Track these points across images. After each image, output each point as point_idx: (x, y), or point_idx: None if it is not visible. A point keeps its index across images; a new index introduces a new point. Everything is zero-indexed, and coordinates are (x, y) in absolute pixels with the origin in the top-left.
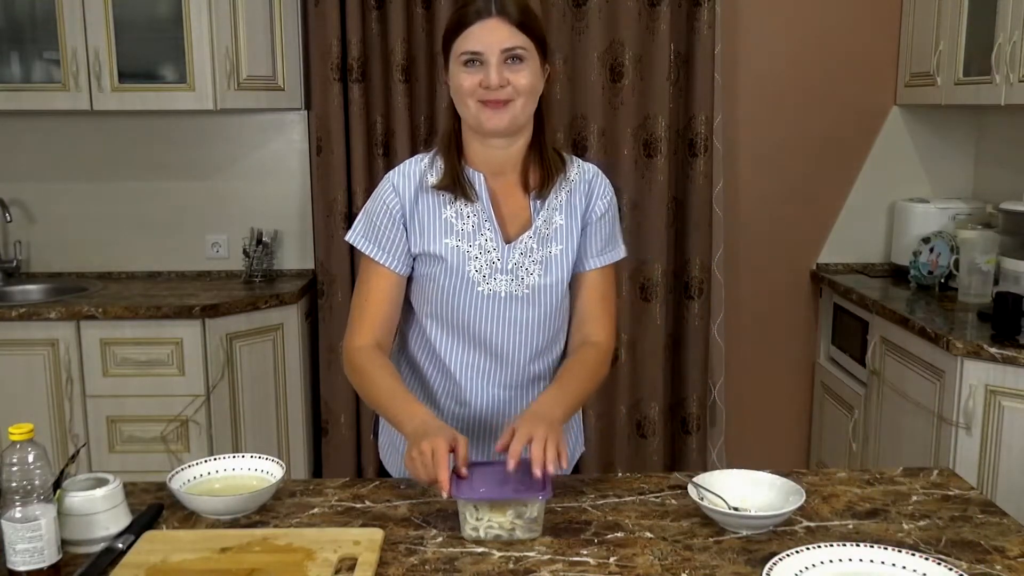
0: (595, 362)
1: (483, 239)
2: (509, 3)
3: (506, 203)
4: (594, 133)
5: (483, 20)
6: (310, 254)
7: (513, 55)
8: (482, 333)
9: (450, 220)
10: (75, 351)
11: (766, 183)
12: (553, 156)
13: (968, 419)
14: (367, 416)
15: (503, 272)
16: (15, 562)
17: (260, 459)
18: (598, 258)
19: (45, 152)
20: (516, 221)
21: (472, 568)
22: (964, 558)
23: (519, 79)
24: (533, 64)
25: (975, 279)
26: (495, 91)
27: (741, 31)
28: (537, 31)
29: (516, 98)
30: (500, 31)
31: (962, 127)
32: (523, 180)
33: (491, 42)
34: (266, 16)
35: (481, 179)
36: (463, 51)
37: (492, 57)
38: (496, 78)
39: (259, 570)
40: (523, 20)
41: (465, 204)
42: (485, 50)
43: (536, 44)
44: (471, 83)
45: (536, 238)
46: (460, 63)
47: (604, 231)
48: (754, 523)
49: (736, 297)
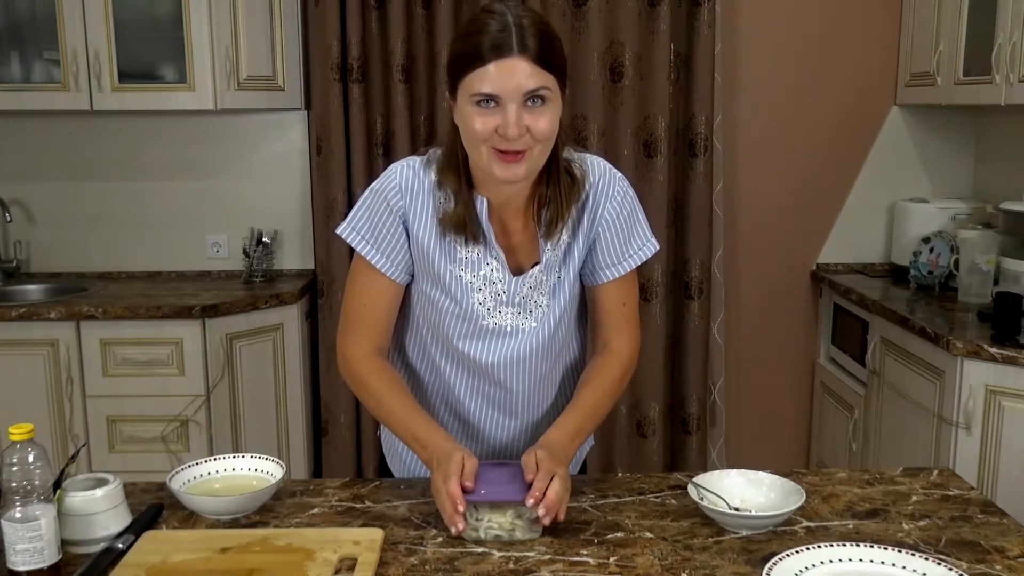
0: (617, 377)
1: (488, 269)
2: (529, 36)
3: (513, 230)
4: (594, 133)
5: (502, 59)
6: (310, 254)
7: (535, 96)
8: (484, 362)
9: (454, 244)
10: (75, 351)
11: (766, 183)
12: (566, 183)
13: (968, 419)
14: (367, 416)
15: (509, 305)
16: (15, 562)
17: (260, 459)
18: (616, 267)
19: (45, 152)
20: (523, 250)
21: (472, 568)
22: (964, 558)
23: (539, 124)
24: (555, 103)
25: (975, 279)
26: (513, 141)
27: (741, 31)
28: (561, 64)
29: (534, 146)
30: (521, 71)
31: (962, 127)
32: (532, 205)
33: (510, 86)
34: (266, 16)
35: (485, 209)
36: (476, 92)
37: (512, 103)
38: (515, 129)
39: (259, 570)
40: (546, 55)
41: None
42: (503, 95)
43: (559, 80)
44: (485, 129)
45: (546, 271)
46: (472, 102)
47: (621, 236)
48: (754, 523)
49: (736, 297)
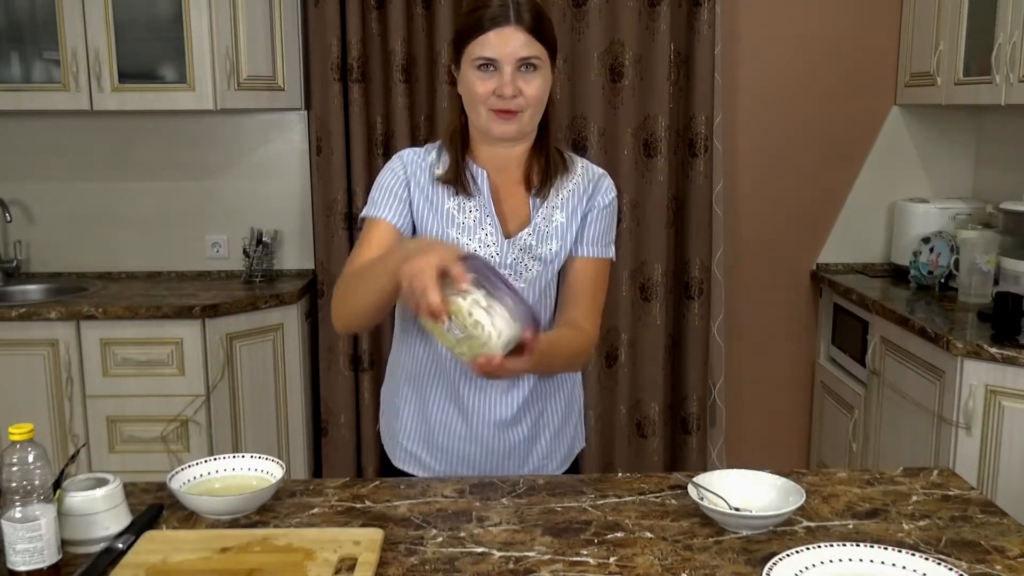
0: (581, 345)
1: (483, 233)
2: (525, 10)
3: (507, 200)
4: (594, 133)
5: (500, 27)
6: (310, 254)
7: (527, 63)
8: None
9: (452, 212)
10: (75, 351)
11: (766, 183)
12: (555, 155)
13: (968, 419)
14: (367, 416)
15: (502, 267)
16: (15, 562)
17: (260, 459)
18: (593, 247)
19: (45, 152)
20: (516, 218)
21: (472, 568)
22: (964, 558)
23: (531, 89)
24: (545, 72)
25: (975, 279)
26: (508, 100)
27: (741, 31)
28: (551, 39)
29: (526, 108)
30: (516, 39)
31: (962, 127)
32: (525, 178)
33: (507, 52)
34: (266, 16)
35: (484, 175)
36: (478, 56)
37: (507, 66)
38: (510, 88)
39: (259, 570)
40: (538, 28)
41: (467, 198)
42: (501, 58)
43: (549, 52)
44: (484, 89)
45: (535, 235)
46: (474, 67)
47: (603, 224)
48: (754, 523)
49: (736, 297)
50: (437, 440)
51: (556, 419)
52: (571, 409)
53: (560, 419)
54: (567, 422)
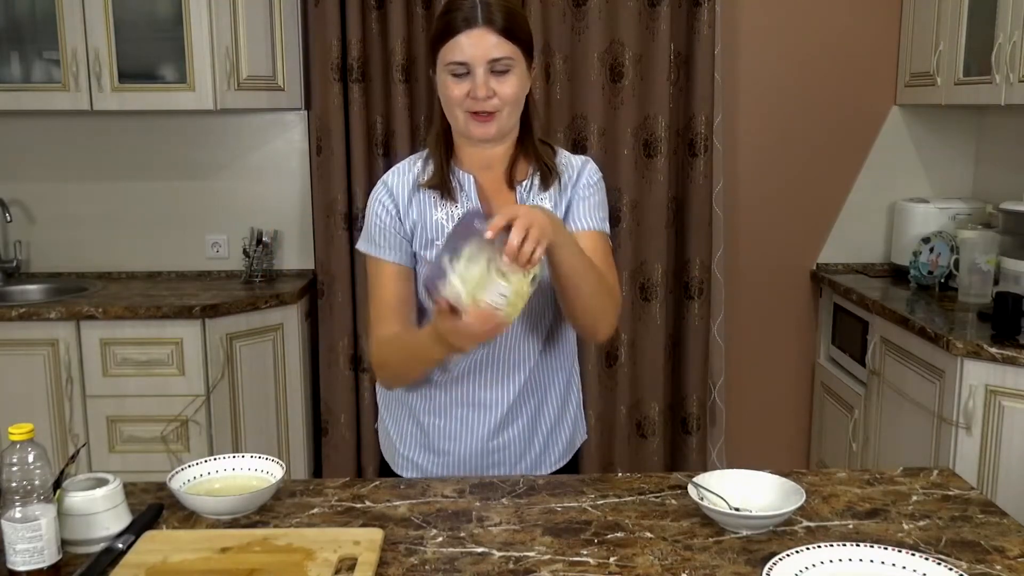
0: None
1: None
2: (495, 11)
3: (495, 198)
4: (594, 133)
5: (470, 29)
6: (310, 254)
7: (500, 64)
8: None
9: (441, 222)
10: (75, 351)
11: (766, 183)
12: (541, 147)
13: (968, 419)
14: (367, 416)
15: None
16: (15, 562)
17: (260, 459)
18: (586, 220)
19: (45, 152)
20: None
21: (472, 568)
22: (964, 558)
23: (505, 88)
24: (519, 71)
25: (975, 279)
26: (483, 102)
27: (741, 31)
28: (523, 36)
29: (502, 108)
30: (486, 41)
31: (962, 127)
32: (509, 176)
33: (477, 54)
34: (266, 16)
35: (471, 180)
36: (450, 60)
37: (479, 68)
38: (484, 90)
39: (259, 570)
40: (509, 27)
41: (455, 206)
42: (472, 60)
43: (523, 50)
44: (459, 93)
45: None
46: (448, 71)
47: (592, 200)
48: (754, 523)
49: (736, 297)
50: (434, 444)
51: (553, 411)
52: (568, 400)
53: (557, 411)
54: (564, 413)
